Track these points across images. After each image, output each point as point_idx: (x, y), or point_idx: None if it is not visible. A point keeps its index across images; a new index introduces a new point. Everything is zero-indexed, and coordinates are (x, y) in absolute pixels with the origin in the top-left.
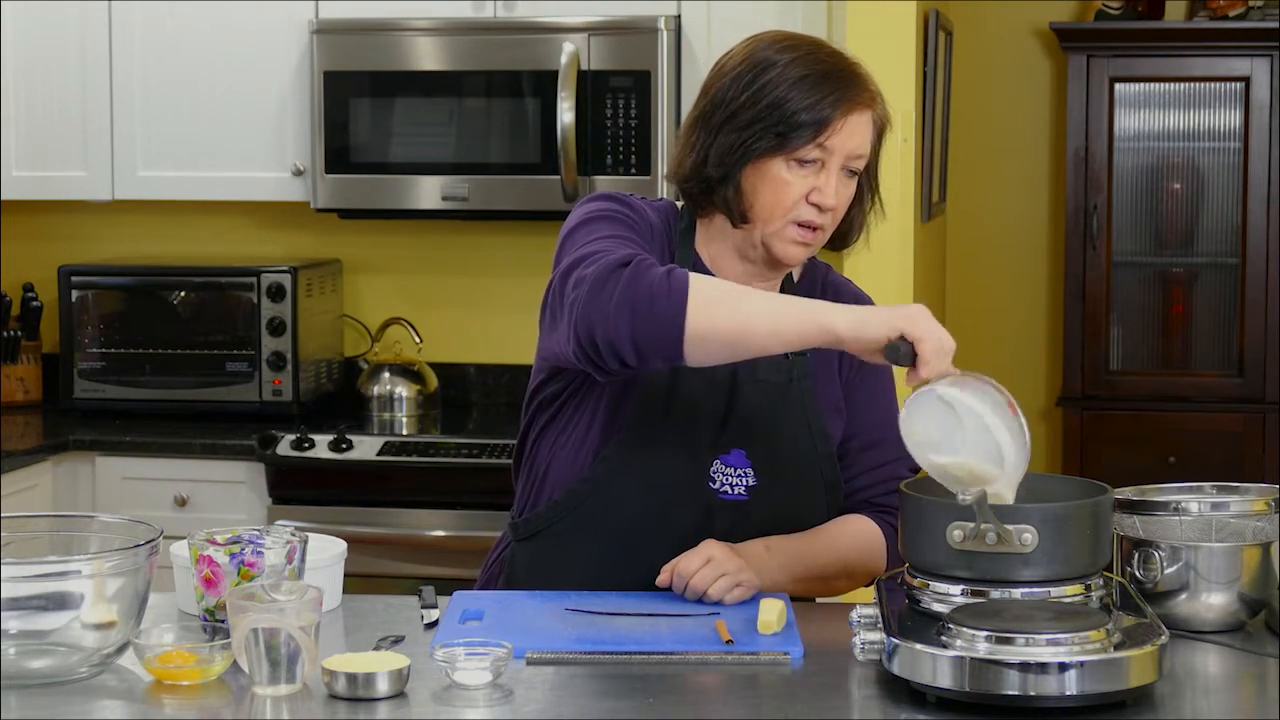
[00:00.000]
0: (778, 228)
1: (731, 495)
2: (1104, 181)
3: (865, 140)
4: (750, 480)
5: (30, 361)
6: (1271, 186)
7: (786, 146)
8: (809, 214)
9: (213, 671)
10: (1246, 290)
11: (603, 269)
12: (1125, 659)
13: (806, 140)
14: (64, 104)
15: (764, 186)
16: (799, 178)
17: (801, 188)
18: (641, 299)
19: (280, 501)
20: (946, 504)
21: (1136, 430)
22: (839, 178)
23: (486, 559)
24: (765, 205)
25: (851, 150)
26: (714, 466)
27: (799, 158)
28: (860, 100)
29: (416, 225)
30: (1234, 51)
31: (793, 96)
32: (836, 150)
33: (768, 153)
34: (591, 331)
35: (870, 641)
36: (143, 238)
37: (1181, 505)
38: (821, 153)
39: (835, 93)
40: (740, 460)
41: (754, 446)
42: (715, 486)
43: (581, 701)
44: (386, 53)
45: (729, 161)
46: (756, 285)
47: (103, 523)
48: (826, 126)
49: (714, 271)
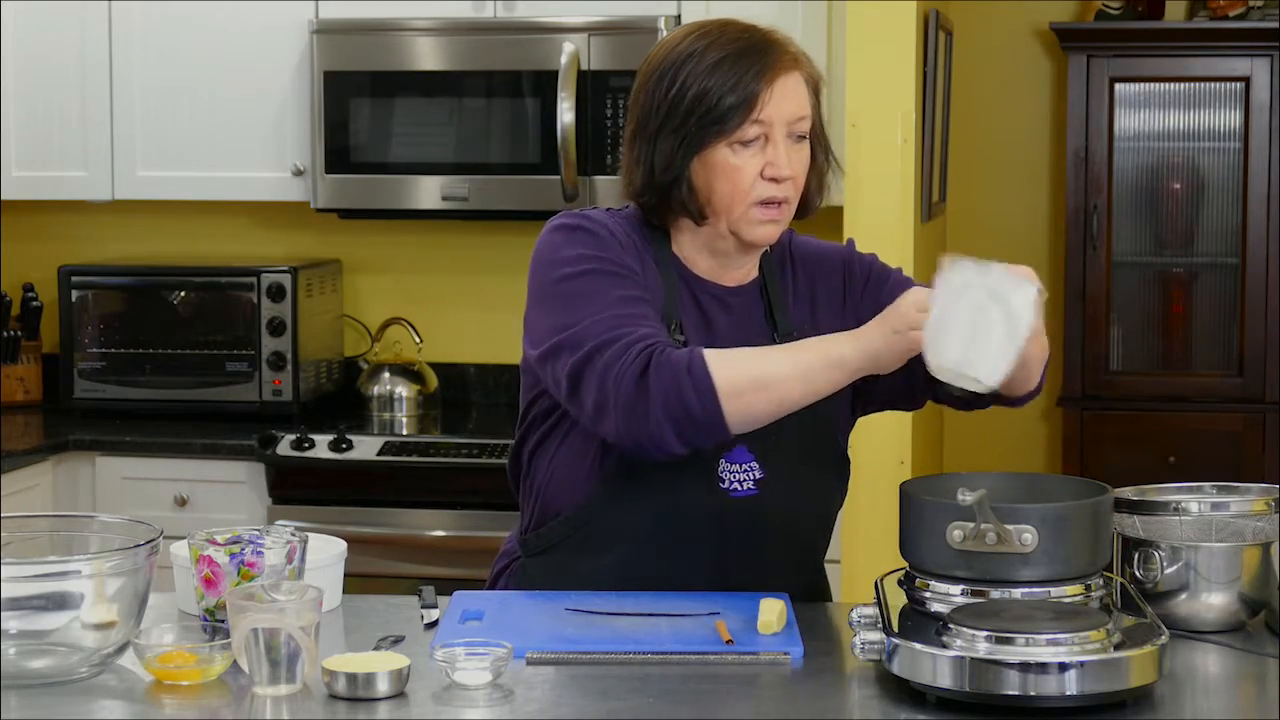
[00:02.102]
0: (741, 213)
1: (742, 492)
2: (1104, 181)
3: (801, 103)
4: (757, 474)
5: (30, 361)
6: (1271, 186)
7: (725, 132)
8: (768, 190)
9: (213, 671)
10: (1246, 290)
11: (627, 380)
12: (1125, 659)
13: (741, 120)
14: (64, 104)
15: (716, 177)
16: (748, 159)
17: (753, 167)
18: (677, 409)
19: (280, 501)
20: (946, 504)
21: (1136, 430)
22: (787, 146)
23: (491, 573)
24: (723, 195)
25: (790, 115)
26: (721, 466)
27: (740, 139)
28: (781, 65)
29: (416, 225)
30: (1234, 51)
31: (714, 83)
32: (775, 120)
33: (709, 143)
34: (640, 445)
35: (870, 641)
36: (143, 238)
37: (1181, 505)
38: (760, 127)
39: (755, 65)
40: (745, 456)
41: (757, 440)
42: (725, 485)
43: (581, 701)
44: (386, 53)
45: (675, 164)
46: (733, 272)
47: (103, 523)
48: (755, 100)
49: (691, 268)
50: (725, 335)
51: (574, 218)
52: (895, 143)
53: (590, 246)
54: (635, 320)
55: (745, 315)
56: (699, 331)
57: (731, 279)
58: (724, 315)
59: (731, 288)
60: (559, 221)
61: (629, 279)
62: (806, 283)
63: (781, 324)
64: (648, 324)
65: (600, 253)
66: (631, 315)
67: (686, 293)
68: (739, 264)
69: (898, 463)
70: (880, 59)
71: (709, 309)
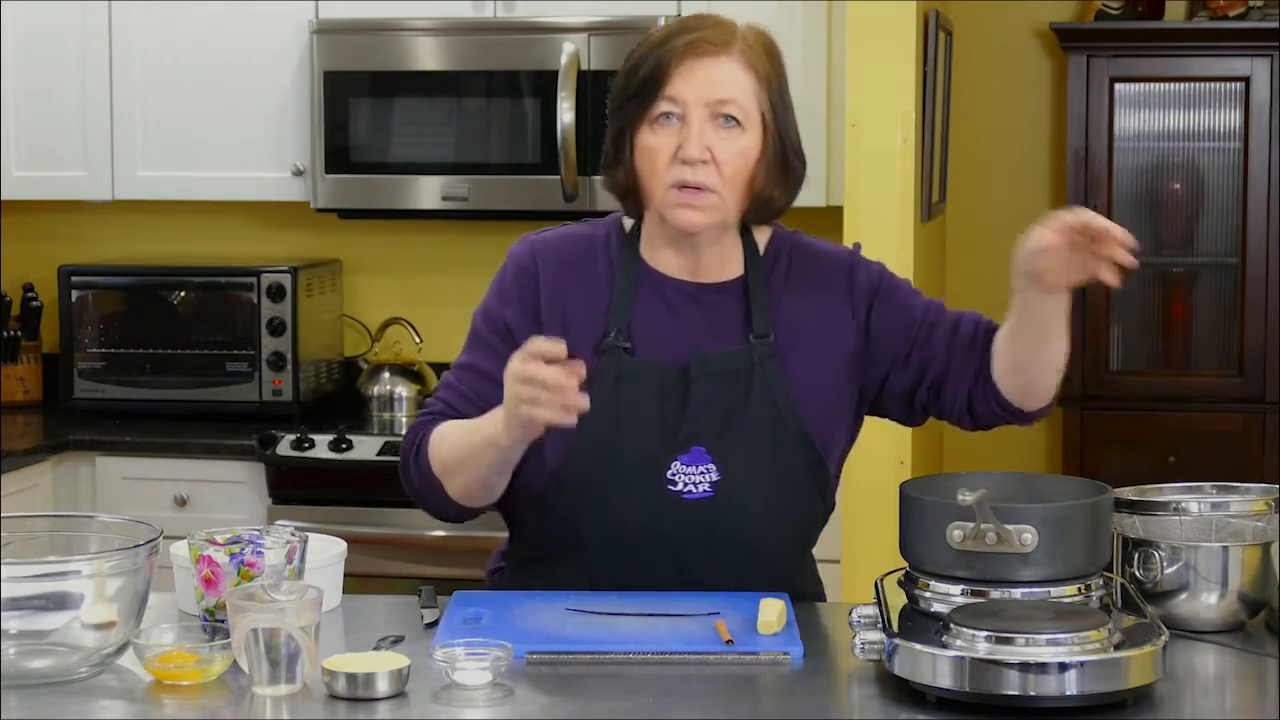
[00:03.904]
0: (661, 196)
1: (695, 494)
2: (1104, 181)
3: (728, 85)
4: (714, 476)
5: (30, 361)
6: (1271, 186)
7: (643, 110)
8: (681, 172)
9: (213, 671)
10: (1246, 290)
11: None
12: (1125, 659)
13: (653, 94)
14: (64, 104)
15: (640, 158)
16: (664, 139)
17: (668, 148)
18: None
19: (280, 501)
20: (946, 504)
21: (1136, 430)
22: (709, 128)
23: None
24: (645, 177)
25: (710, 96)
26: (672, 469)
27: (654, 116)
28: (705, 43)
29: (416, 225)
30: (1234, 51)
31: (637, 62)
32: (690, 99)
33: (633, 123)
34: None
35: (870, 641)
36: (143, 238)
37: (1181, 505)
38: (672, 104)
39: (673, 41)
40: (701, 457)
41: (715, 441)
42: (677, 489)
43: (581, 701)
44: (386, 53)
45: (618, 148)
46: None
47: (103, 523)
48: (665, 74)
49: (659, 270)
50: (699, 333)
51: (515, 249)
52: (895, 143)
53: (492, 297)
54: (451, 393)
55: (721, 313)
56: (663, 330)
57: (707, 275)
58: (697, 313)
59: (707, 284)
60: (517, 244)
61: (483, 346)
62: (804, 284)
63: (759, 325)
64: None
65: (491, 306)
66: (451, 386)
67: (651, 292)
68: (700, 258)
69: (898, 463)
70: (880, 59)
71: (679, 306)
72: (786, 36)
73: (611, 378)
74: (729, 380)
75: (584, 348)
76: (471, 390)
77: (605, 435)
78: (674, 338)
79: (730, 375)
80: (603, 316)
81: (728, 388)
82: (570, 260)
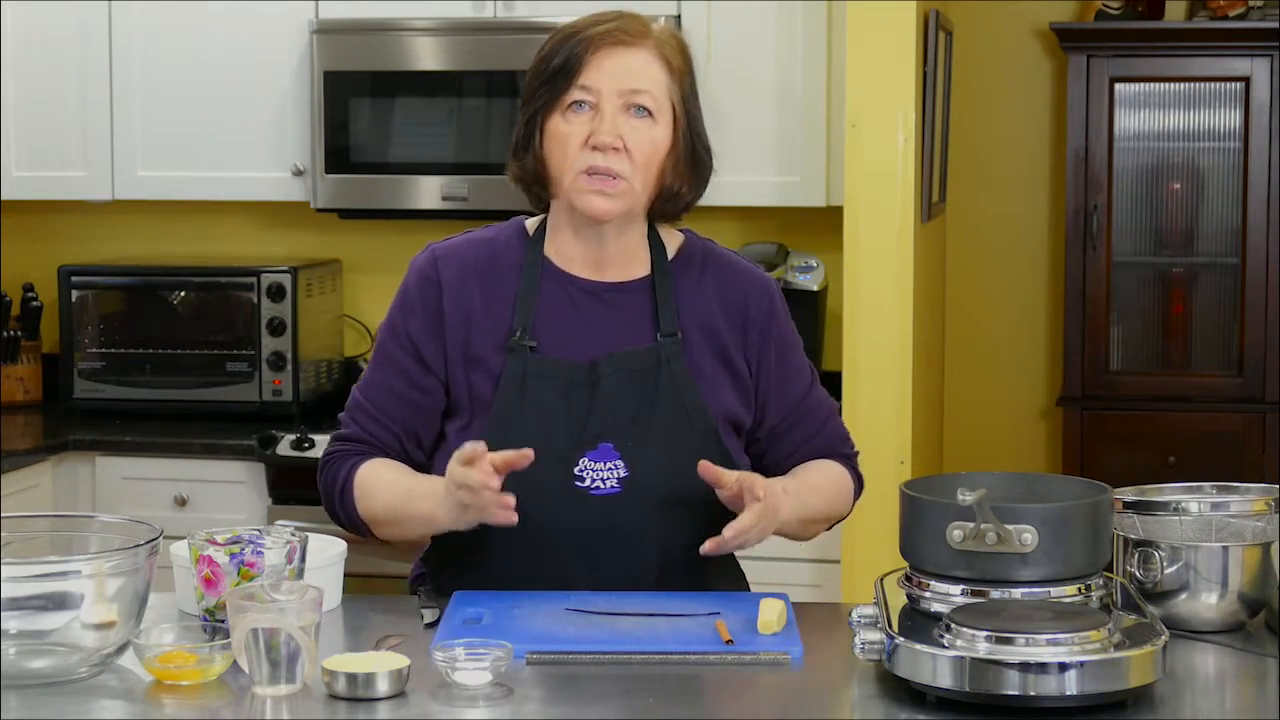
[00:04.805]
0: (570, 182)
1: (603, 490)
2: (1104, 182)
3: (642, 76)
4: (622, 472)
5: (30, 361)
6: (1271, 186)
7: (555, 98)
8: (592, 158)
9: (213, 671)
10: (1246, 290)
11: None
12: (1125, 659)
13: (566, 83)
14: (64, 104)
15: (550, 145)
16: (576, 126)
17: (580, 134)
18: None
19: (280, 501)
20: (946, 504)
21: (1136, 430)
22: (622, 118)
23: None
24: (555, 162)
25: (623, 86)
26: (580, 465)
27: (566, 104)
28: (620, 33)
29: (416, 225)
30: (1234, 51)
31: (549, 51)
32: (603, 89)
33: (544, 110)
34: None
35: (870, 641)
36: (143, 238)
37: (1181, 505)
38: (585, 93)
39: (587, 31)
40: (609, 454)
41: (623, 438)
42: (585, 485)
43: (581, 701)
44: (386, 53)
45: (528, 136)
46: (612, 267)
47: (103, 523)
48: (579, 63)
49: (563, 267)
50: (605, 332)
51: (417, 259)
52: (895, 143)
53: (396, 310)
54: (362, 416)
55: (629, 312)
56: (569, 328)
57: (613, 274)
58: (603, 312)
59: (613, 283)
60: (413, 260)
61: (388, 362)
62: (717, 288)
63: (665, 324)
64: (368, 420)
65: (396, 319)
66: (361, 408)
67: (556, 291)
68: (605, 249)
69: (898, 463)
70: (880, 59)
71: (584, 305)
72: (787, 36)
73: (517, 376)
74: (637, 378)
75: (489, 349)
76: (380, 412)
77: (511, 434)
78: (580, 336)
79: (638, 373)
80: (508, 317)
81: (636, 385)
82: (473, 264)
